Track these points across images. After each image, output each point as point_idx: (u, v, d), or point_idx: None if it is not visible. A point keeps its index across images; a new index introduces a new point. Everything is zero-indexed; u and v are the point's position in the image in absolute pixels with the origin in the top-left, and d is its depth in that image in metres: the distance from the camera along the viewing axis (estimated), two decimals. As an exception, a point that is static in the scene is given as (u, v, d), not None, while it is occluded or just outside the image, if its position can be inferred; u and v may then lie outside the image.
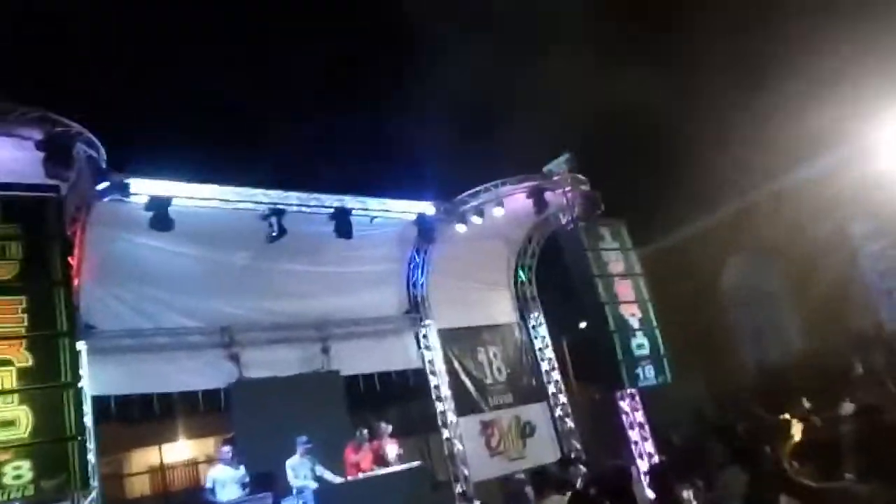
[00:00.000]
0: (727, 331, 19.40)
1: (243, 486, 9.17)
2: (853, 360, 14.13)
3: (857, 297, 16.47)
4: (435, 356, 12.90)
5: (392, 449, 10.42)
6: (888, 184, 15.26)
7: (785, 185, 17.00)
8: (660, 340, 11.75)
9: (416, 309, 12.96)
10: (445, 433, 12.61)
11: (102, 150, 8.30)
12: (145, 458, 16.70)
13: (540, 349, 14.19)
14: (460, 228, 12.15)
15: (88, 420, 8.82)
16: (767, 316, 19.32)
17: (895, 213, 15.89)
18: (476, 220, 11.99)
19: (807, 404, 8.79)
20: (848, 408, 6.52)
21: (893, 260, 16.31)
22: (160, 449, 16.43)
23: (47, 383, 5.93)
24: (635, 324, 11.58)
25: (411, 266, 12.93)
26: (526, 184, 11.94)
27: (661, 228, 17.64)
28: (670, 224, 17.98)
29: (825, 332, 16.57)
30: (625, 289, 11.80)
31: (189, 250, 10.16)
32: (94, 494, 8.66)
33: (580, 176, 12.26)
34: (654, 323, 11.85)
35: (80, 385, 6.26)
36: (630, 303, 11.71)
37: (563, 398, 13.85)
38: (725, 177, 17.16)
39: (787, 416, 8.83)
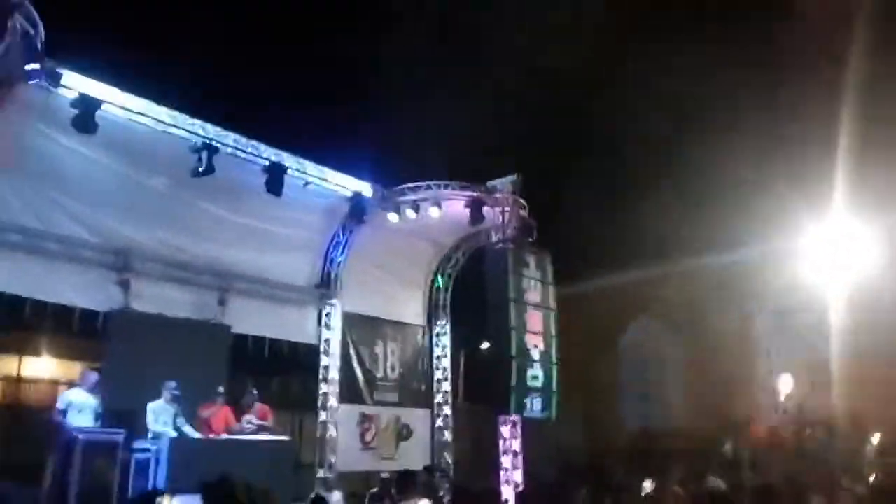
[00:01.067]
0: (616, 387, 19.87)
1: (97, 416, 8.65)
2: (725, 441, 14.69)
3: (744, 385, 17.15)
4: (333, 337, 12.61)
5: (252, 419, 10.01)
6: (796, 288, 16.07)
7: (706, 264, 17.61)
8: (554, 377, 11.83)
9: (326, 285, 12.63)
10: (322, 416, 12.32)
11: (41, 30, 7.71)
12: (6, 367, 15.62)
13: (438, 357, 14.15)
14: (392, 218, 11.95)
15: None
16: (656, 382, 19.91)
17: (798, 316, 16.70)
18: (410, 213, 11.83)
19: (678, 474, 8.99)
20: (714, 482, 6.68)
21: (785, 359, 17.09)
22: (20, 360, 15.41)
23: None
24: (535, 355, 11.61)
25: (333, 242, 12.60)
26: (468, 192, 11.85)
27: (582, 272, 17.94)
28: (591, 270, 18.31)
29: (705, 411, 17.19)
30: (535, 319, 11.83)
31: (105, 160, 9.53)
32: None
33: (522, 200, 12.28)
34: (554, 359, 11.92)
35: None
36: (536, 334, 11.73)
37: (447, 410, 13.82)
38: (653, 241, 17.67)
39: (648, 480, 9.06)
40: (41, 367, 15.89)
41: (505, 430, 11.95)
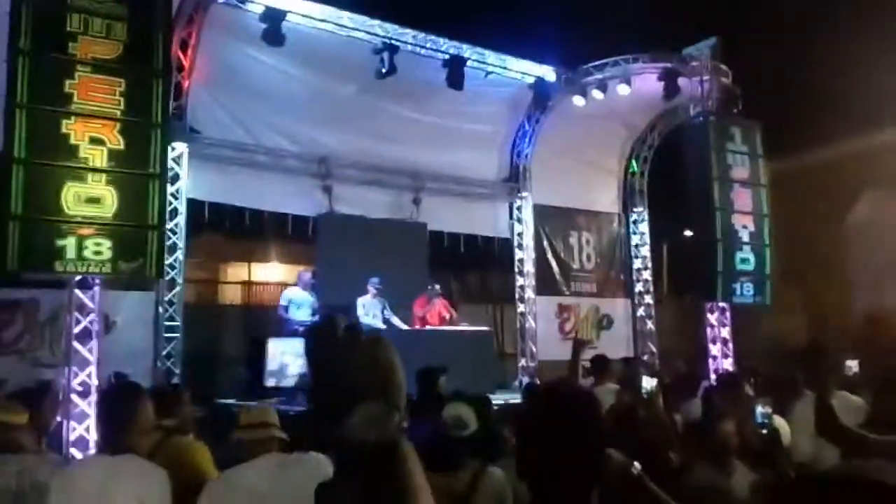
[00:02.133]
0: (844, 269, 17.94)
1: (314, 311, 9.47)
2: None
3: None
4: (525, 230, 12.57)
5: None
6: None
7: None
8: (767, 260, 10.83)
9: (514, 178, 12.53)
10: (520, 308, 12.50)
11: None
12: (238, 272, 17.71)
13: (636, 245, 13.62)
14: (578, 101, 11.37)
15: (182, 219, 9.26)
16: (893, 265, 17.65)
17: None
18: (597, 94, 11.16)
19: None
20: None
21: None
22: (250, 266, 17.35)
23: (136, 169, 5.99)
24: (745, 237, 10.67)
25: (519, 133, 12.36)
26: (659, 64, 10.87)
27: (800, 144, 16.04)
28: (811, 141, 16.30)
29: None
30: (743, 198, 10.80)
31: (298, 73, 10.00)
32: (178, 289, 9.25)
33: (723, 66, 11.04)
34: (767, 241, 10.89)
35: (165, 178, 6.32)
36: (745, 213, 10.73)
37: (648, 299, 13.38)
38: (885, 100, 15.22)
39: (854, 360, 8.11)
40: (268, 271, 17.79)
41: (712, 318, 11.31)
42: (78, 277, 5.98)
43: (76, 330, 6.11)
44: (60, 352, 6.58)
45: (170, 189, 8.40)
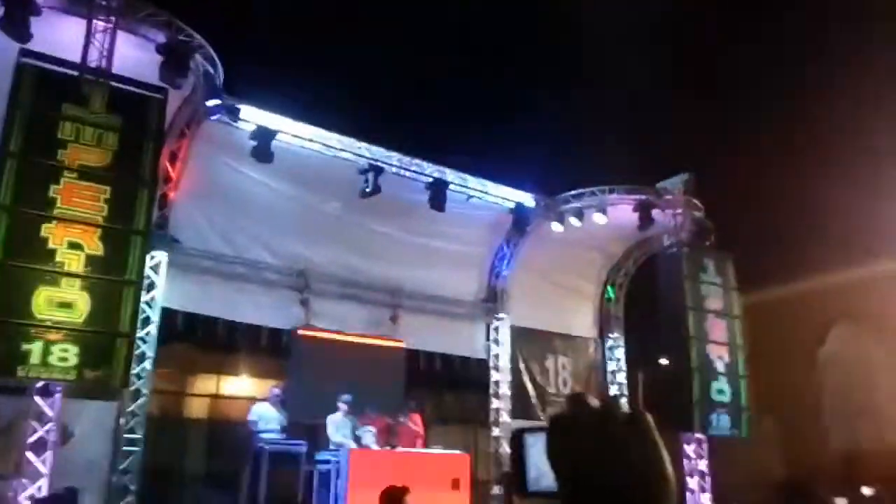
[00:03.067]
0: (818, 403, 17.89)
1: (282, 428, 9.16)
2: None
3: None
4: (502, 352, 12.49)
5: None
6: None
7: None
8: (743, 390, 10.83)
9: (492, 299, 12.58)
10: (495, 432, 12.19)
11: (220, 69, 8.37)
12: (206, 384, 17.18)
13: (612, 372, 13.55)
14: (556, 228, 11.66)
15: (154, 328, 9.07)
16: (868, 398, 17.67)
17: None
18: (574, 222, 11.46)
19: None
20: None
21: None
22: (219, 378, 16.87)
23: (111, 276, 5.95)
24: (720, 367, 10.72)
25: (498, 255, 12.55)
26: (635, 196, 11.29)
27: (772, 277, 16.42)
28: (783, 275, 16.70)
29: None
30: (718, 328, 10.94)
31: (284, 188, 10.21)
32: (142, 400, 8.92)
33: (695, 200, 11.50)
34: (742, 371, 10.93)
35: (141, 285, 6.26)
36: (720, 344, 10.84)
37: (625, 427, 13.12)
38: (856, 241, 15.78)
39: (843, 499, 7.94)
40: (238, 385, 17.30)
41: (690, 450, 11.11)
42: (40, 384, 5.78)
43: (31, 440, 5.83)
44: (13, 463, 6.23)
45: (144, 297, 8.29)
